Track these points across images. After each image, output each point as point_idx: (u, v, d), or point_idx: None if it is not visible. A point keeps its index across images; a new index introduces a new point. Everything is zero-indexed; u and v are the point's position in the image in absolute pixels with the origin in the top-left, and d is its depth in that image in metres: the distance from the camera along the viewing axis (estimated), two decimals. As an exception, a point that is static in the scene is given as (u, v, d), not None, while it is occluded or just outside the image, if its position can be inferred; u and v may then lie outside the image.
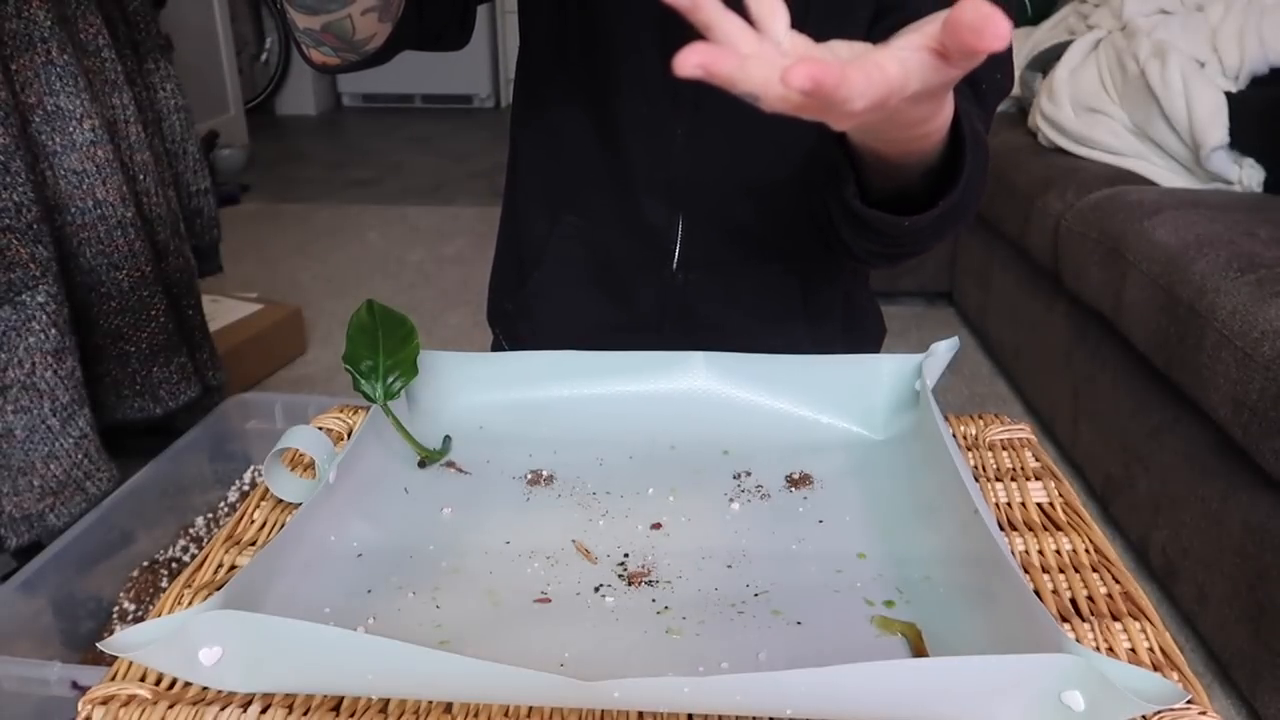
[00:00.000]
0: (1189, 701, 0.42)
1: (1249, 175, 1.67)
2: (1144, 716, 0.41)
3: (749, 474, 0.65)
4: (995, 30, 0.36)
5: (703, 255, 0.82)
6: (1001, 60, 0.75)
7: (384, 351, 0.66)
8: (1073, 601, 0.51)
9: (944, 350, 0.69)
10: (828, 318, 0.88)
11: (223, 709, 0.43)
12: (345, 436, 0.69)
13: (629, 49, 0.77)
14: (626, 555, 0.56)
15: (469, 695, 0.44)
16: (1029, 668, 0.41)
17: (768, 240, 0.84)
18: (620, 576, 0.55)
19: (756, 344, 0.74)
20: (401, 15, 0.68)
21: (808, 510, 0.61)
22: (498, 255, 0.97)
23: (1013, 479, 0.63)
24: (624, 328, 0.78)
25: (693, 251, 0.82)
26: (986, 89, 0.74)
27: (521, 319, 0.90)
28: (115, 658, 0.46)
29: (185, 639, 0.43)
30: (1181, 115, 1.69)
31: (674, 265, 0.82)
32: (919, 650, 0.48)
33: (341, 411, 0.71)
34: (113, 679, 0.46)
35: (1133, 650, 0.47)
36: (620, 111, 0.79)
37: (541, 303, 0.88)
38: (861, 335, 0.92)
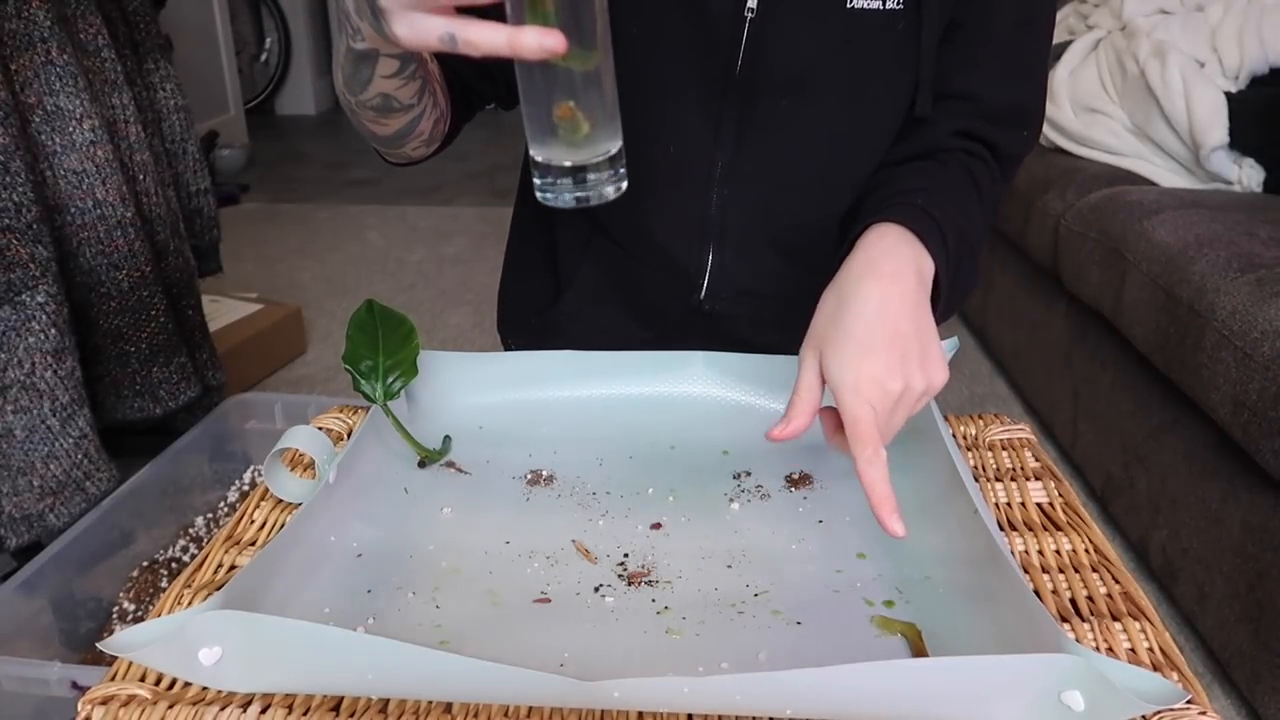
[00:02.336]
0: (1189, 701, 0.42)
1: (1249, 175, 1.67)
2: (1144, 716, 0.41)
3: (749, 474, 0.65)
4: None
5: (731, 288, 0.82)
6: (1028, 120, 0.77)
7: (384, 351, 0.66)
8: (1073, 601, 0.51)
9: (943, 350, 0.68)
10: None
11: (223, 709, 0.44)
12: (345, 436, 0.69)
13: (665, 87, 0.75)
14: (626, 555, 0.56)
15: (469, 695, 0.44)
16: (1029, 668, 0.41)
17: (798, 276, 0.83)
18: (620, 576, 0.55)
19: None
20: (450, 126, 0.76)
21: (808, 510, 0.61)
22: (518, 268, 0.96)
23: (1013, 479, 0.63)
24: (651, 347, 0.78)
25: (721, 285, 0.81)
26: (1006, 152, 0.77)
27: (550, 335, 0.90)
28: (115, 658, 0.46)
29: (185, 639, 0.43)
30: (1181, 115, 1.69)
31: (701, 295, 0.82)
32: (919, 650, 0.48)
33: (341, 411, 0.71)
34: (113, 679, 0.46)
35: (1133, 650, 0.47)
36: (655, 147, 0.77)
37: (572, 321, 0.88)
38: None
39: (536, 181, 0.57)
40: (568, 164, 0.55)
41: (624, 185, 0.57)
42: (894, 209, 0.66)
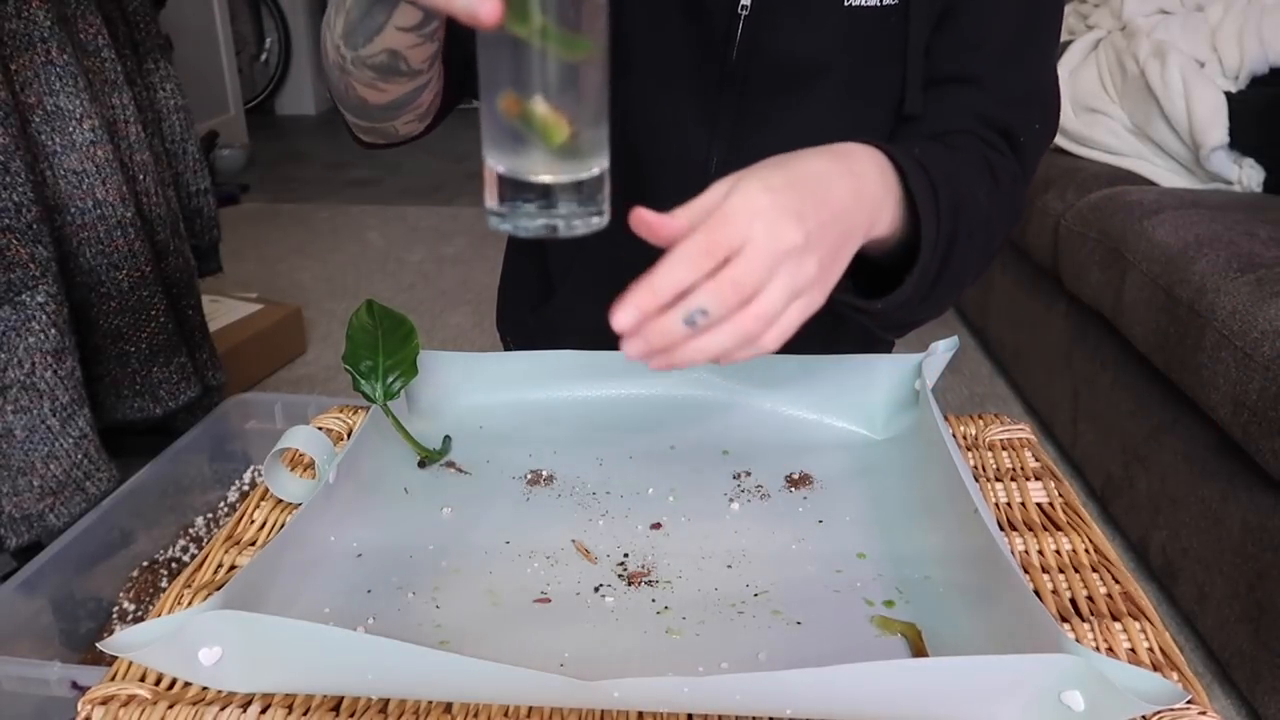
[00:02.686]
0: (1189, 701, 0.42)
1: (1249, 175, 1.67)
2: (1144, 716, 0.41)
3: (749, 474, 0.65)
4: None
5: None
6: (1042, 107, 0.73)
7: (384, 351, 0.66)
8: (1073, 601, 0.51)
9: (943, 350, 0.68)
10: (845, 345, 0.87)
11: (223, 709, 0.43)
12: (345, 436, 0.69)
13: (661, 85, 0.75)
14: (626, 555, 0.56)
15: (469, 695, 0.44)
16: (1029, 668, 0.41)
17: None
18: (620, 576, 0.55)
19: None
20: (442, 103, 0.72)
21: (808, 510, 0.61)
22: (514, 266, 0.95)
23: (1013, 479, 0.63)
24: None
25: None
26: (1025, 141, 0.71)
27: (543, 333, 0.90)
28: (115, 658, 0.46)
29: (185, 639, 0.43)
30: (1181, 115, 1.69)
31: None
32: (919, 650, 0.48)
33: (341, 411, 0.71)
34: (113, 679, 0.46)
35: (1133, 650, 0.47)
36: (651, 145, 0.76)
37: (565, 318, 0.88)
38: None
39: (489, 203, 0.45)
40: (537, 179, 0.43)
41: (604, 219, 0.46)
42: (885, 146, 0.59)
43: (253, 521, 0.59)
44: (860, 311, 0.63)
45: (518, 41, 0.40)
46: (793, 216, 0.48)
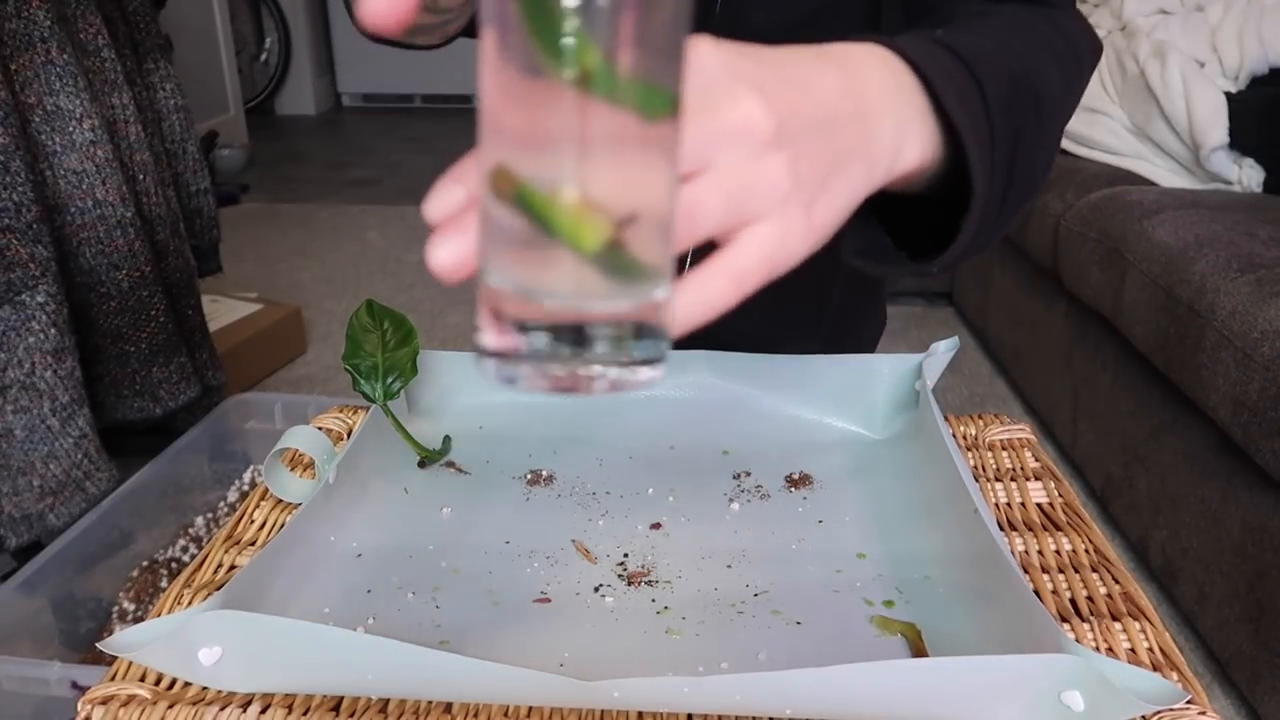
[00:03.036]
0: (1189, 701, 0.42)
1: (1249, 175, 1.67)
2: (1144, 716, 0.41)
3: (749, 474, 0.65)
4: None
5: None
6: None
7: (384, 351, 0.66)
8: (1073, 601, 0.51)
9: (944, 350, 0.68)
10: (838, 329, 0.87)
11: (222, 709, 0.43)
12: (345, 436, 0.69)
13: None
14: (626, 555, 0.56)
15: (469, 695, 0.44)
16: (1029, 668, 0.41)
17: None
18: (620, 576, 0.55)
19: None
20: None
21: (807, 510, 0.61)
22: None
23: (1012, 479, 0.63)
24: None
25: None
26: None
27: None
28: (115, 658, 0.46)
29: (185, 639, 0.43)
30: (1181, 115, 1.69)
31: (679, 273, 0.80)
32: (919, 650, 0.48)
33: (341, 411, 0.71)
34: (112, 679, 0.46)
35: (1132, 650, 0.47)
36: None
37: None
38: (867, 339, 0.92)
39: (485, 338, 0.29)
40: (561, 306, 0.27)
41: (661, 370, 0.30)
42: (887, 39, 0.42)
43: (253, 521, 0.59)
44: (904, 273, 0.50)
45: (544, 82, 0.25)
46: (754, 89, 0.32)
